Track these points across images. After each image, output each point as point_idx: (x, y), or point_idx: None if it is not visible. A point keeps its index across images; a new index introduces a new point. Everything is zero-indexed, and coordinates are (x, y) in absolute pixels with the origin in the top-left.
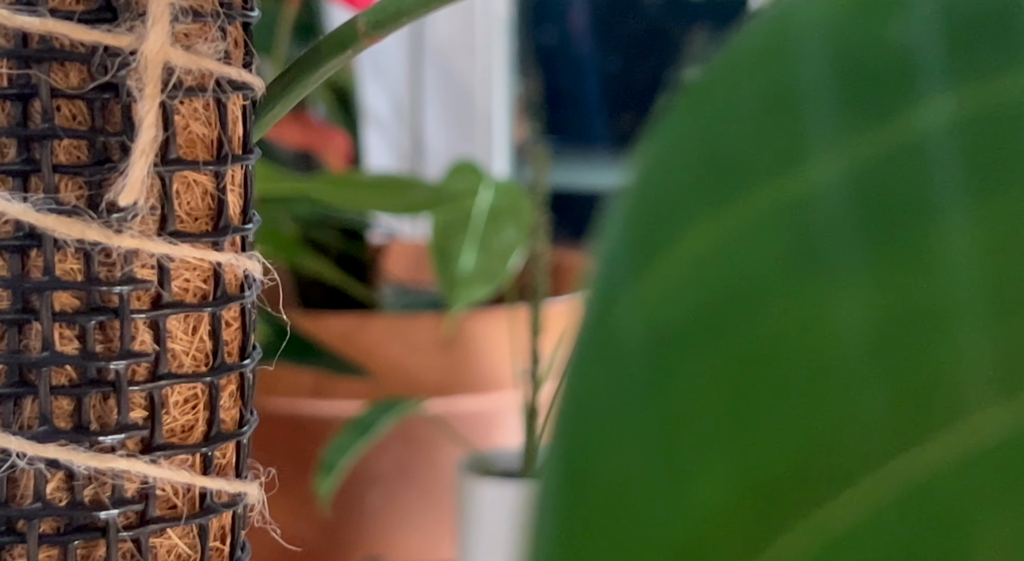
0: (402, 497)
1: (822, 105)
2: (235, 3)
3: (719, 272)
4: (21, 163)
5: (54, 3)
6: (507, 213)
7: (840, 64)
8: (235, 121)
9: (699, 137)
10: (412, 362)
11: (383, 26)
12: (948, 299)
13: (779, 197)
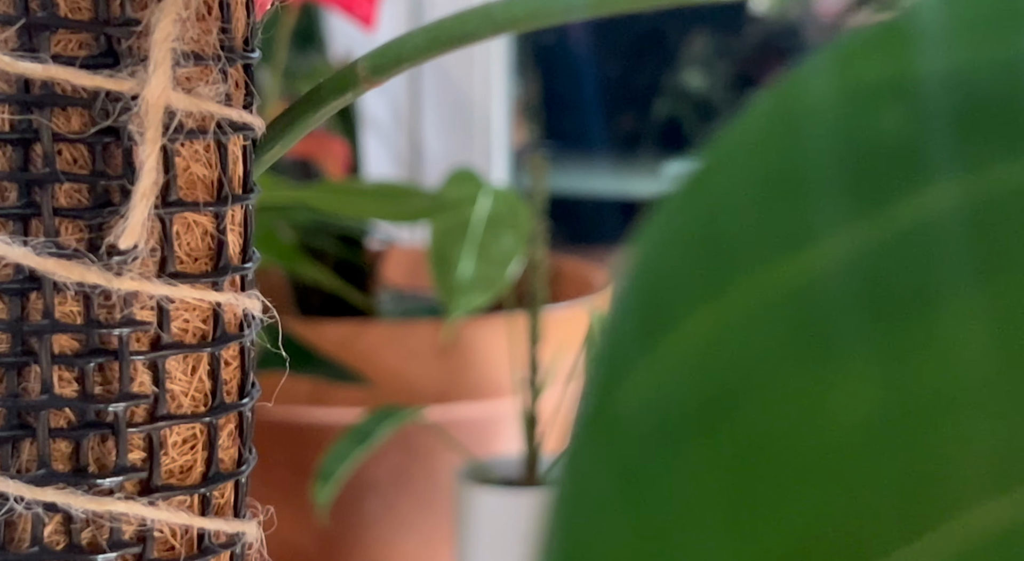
0: (400, 505)
1: (822, 190)
2: (236, 46)
3: (721, 358)
4: (22, 206)
5: (57, 49)
6: (506, 221)
7: (840, 149)
8: (235, 161)
9: (700, 221)
10: (410, 369)
11: (383, 71)
12: (950, 389)
13: (780, 283)
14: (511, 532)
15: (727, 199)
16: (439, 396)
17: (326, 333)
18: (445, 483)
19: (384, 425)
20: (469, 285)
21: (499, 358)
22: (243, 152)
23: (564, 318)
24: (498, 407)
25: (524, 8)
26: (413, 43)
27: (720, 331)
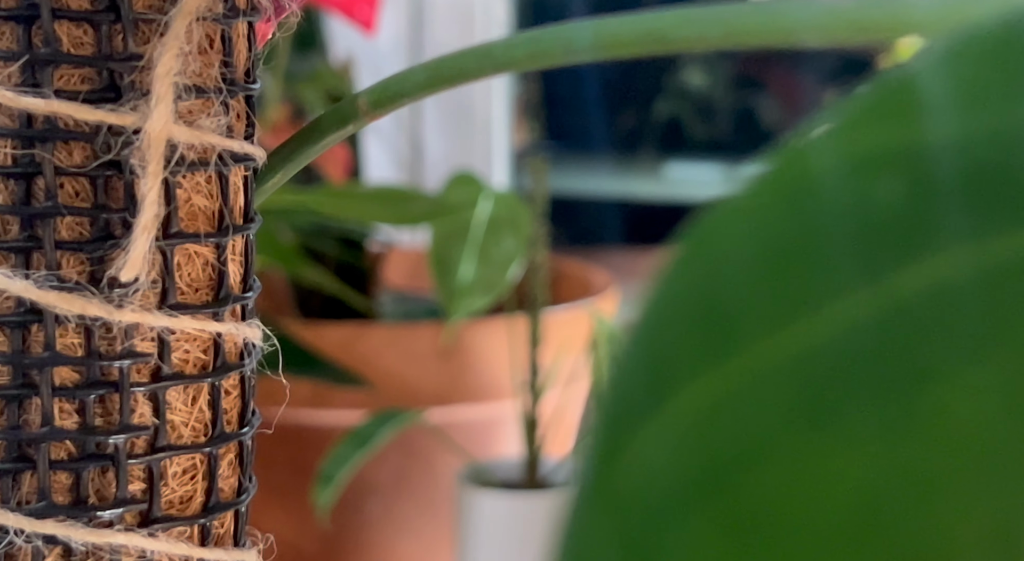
0: (401, 507)
1: (824, 259)
2: (238, 78)
3: (721, 428)
4: (24, 240)
5: (59, 83)
6: (506, 224)
7: (842, 218)
8: (236, 192)
9: (702, 288)
10: (411, 371)
11: (383, 105)
12: (951, 463)
13: (782, 352)
14: (511, 535)
15: (729, 266)
16: (439, 398)
17: (327, 335)
18: (446, 485)
19: (385, 428)
20: (470, 288)
21: (499, 360)
22: (244, 182)
23: (565, 320)
24: (498, 409)
25: (524, 50)
26: (414, 80)
27: (721, 400)
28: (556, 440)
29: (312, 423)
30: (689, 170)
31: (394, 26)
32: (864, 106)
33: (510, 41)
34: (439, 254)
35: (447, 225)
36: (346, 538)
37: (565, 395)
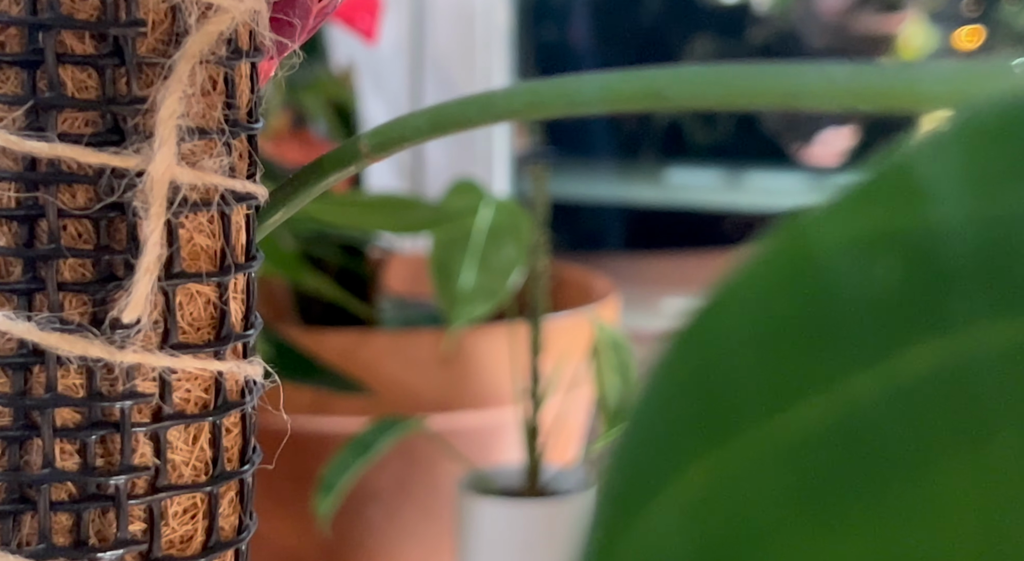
0: (402, 513)
1: (821, 343)
2: (240, 119)
3: (720, 511)
4: (27, 282)
5: (63, 127)
6: (507, 231)
7: (840, 301)
8: (238, 230)
9: (701, 369)
10: (412, 378)
11: (385, 148)
12: (942, 551)
13: (778, 436)
14: (512, 543)
15: (727, 348)
16: (440, 405)
17: (328, 342)
18: (447, 492)
19: (386, 436)
20: (470, 295)
21: (500, 367)
22: (246, 221)
23: (566, 327)
24: (499, 416)
25: (525, 100)
26: (415, 125)
27: (721, 483)
28: (557, 447)
29: (313, 430)
30: (690, 175)
31: (395, 33)
32: (865, 186)
33: (511, 91)
34: (440, 261)
35: (448, 232)
36: (347, 545)
37: (566, 402)
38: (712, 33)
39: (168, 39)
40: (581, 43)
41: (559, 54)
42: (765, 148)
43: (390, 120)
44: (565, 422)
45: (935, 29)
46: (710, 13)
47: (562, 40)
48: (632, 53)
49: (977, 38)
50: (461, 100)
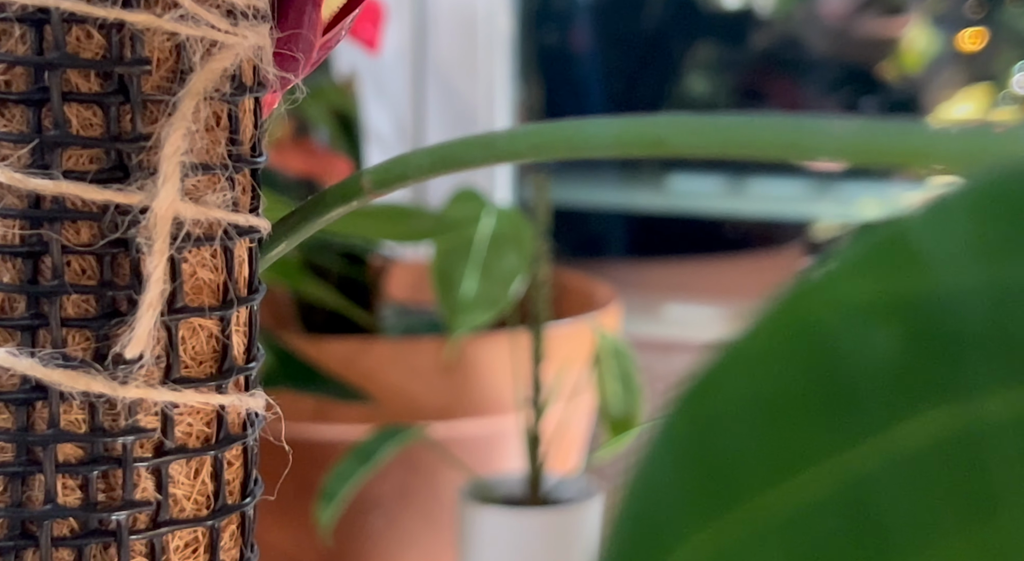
0: (403, 521)
1: (818, 414)
2: (244, 153)
3: None
4: (30, 318)
5: (68, 164)
6: (509, 240)
7: (836, 371)
8: (241, 263)
9: (699, 439)
10: (414, 386)
11: (386, 185)
12: None
13: (775, 509)
14: (514, 552)
15: (727, 415)
16: (442, 413)
17: (330, 350)
18: (448, 499)
19: (387, 446)
20: (472, 304)
21: (502, 375)
22: (249, 254)
23: (567, 334)
24: (501, 424)
25: (527, 143)
26: (417, 163)
27: (720, 555)
28: (559, 455)
29: (315, 438)
30: (692, 182)
31: (397, 41)
32: (862, 254)
33: (514, 134)
34: (442, 270)
35: (450, 241)
36: (348, 552)
37: (568, 410)
38: (714, 38)
39: (172, 76)
40: (583, 49)
41: (561, 60)
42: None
43: (393, 157)
44: (567, 430)
45: (938, 32)
46: (712, 17)
47: (564, 47)
48: (634, 58)
49: (980, 40)
50: (464, 141)
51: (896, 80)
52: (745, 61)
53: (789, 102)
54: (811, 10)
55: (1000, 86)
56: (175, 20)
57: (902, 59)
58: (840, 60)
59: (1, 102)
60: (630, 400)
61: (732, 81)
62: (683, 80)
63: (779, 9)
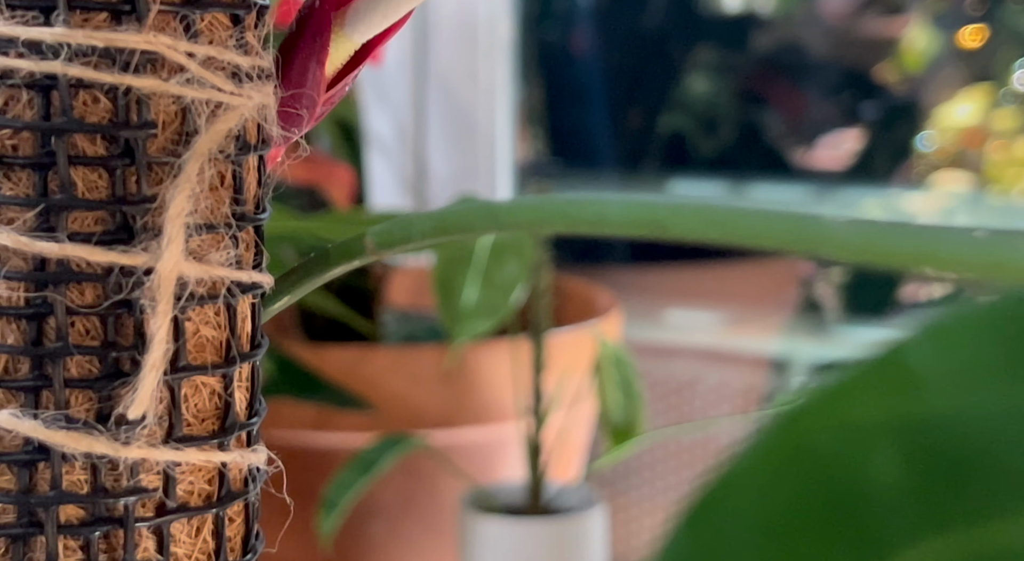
0: (405, 528)
1: (816, 541)
2: (248, 211)
3: None
4: (33, 379)
5: (73, 226)
6: (510, 248)
7: (836, 496)
8: (244, 319)
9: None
10: (415, 394)
11: (389, 247)
12: None
13: None
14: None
15: (727, 537)
16: (443, 420)
17: (331, 358)
18: (450, 507)
19: (389, 454)
20: (473, 311)
21: (503, 382)
22: (252, 309)
23: (568, 342)
24: (502, 431)
25: (527, 216)
26: (419, 228)
27: None
28: (559, 463)
29: (316, 445)
30: (693, 187)
31: (398, 48)
32: (862, 374)
33: (515, 204)
34: (443, 278)
35: (451, 249)
36: (349, 559)
37: (569, 417)
38: (715, 40)
39: (178, 138)
40: (584, 53)
41: (562, 64)
42: (768, 159)
43: (396, 219)
44: (567, 438)
45: (938, 31)
46: (713, 20)
47: (566, 52)
48: (635, 62)
49: (981, 37)
50: (467, 209)
51: (897, 82)
52: (746, 63)
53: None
54: (812, 10)
55: (1001, 84)
56: (181, 84)
57: (903, 59)
58: (841, 61)
59: (8, 166)
60: (631, 408)
61: (733, 83)
62: (684, 83)
63: (780, 8)
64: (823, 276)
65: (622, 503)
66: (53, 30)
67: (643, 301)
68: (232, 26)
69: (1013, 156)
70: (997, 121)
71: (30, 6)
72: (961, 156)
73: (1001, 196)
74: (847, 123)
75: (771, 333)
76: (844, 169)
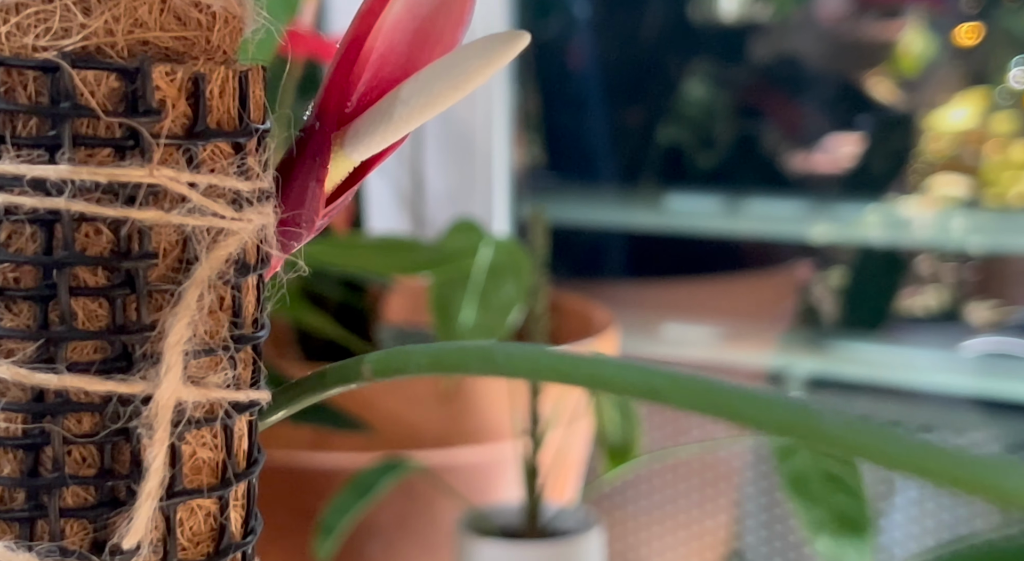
0: (401, 550)
1: None
2: (246, 331)
3: None
4: (29, 510)
5: (72, 355)
6: (507, 270)
7: None
8: (241, 437)
9: None
10: (411, 414)
11: (385, 375)
12: None
13: None
14: None
15: None
16: (440, 441)
17: None
18: (446, 528)
19: (386, 477)
20: (470, 333)
21: (499, 402)
22: (248, 427)
23: None
24: (499, 451)
25: (524, 366)
26: (416, 362)
27: None
28: (556, 482)
29: (313, 466)
30: (690, 201)
31: None
32: None
33: (513, 351)
34: (440, 299)
35: (448, 271)
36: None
37: (566, 437)
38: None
39: (179, 265)
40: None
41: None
42: (765, 174)
43: (395, 350)
44: (564, 458)
45: (934, 35)
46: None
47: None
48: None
49: (977, 35)
50: (463, 349)
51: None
52: (742, 74)
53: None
54: (809, 14)
55: (997, 82)
56: (183, 214)
57: (899, 62)
58: (837, 68)
59: (9, 298)
60: (628, 428)
61: (730, 94)
62: (680, 95)
63: (777, 13)
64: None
65: (619, 517)
66: (58, 168)
67: (640, 315)
68: (234, 153)
69: (1010, 160)
70: (994, 125)
71: (36, 144)
72: (958, 160)
73: (998, 199)
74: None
75: (768, 347)
76: (841, 179)
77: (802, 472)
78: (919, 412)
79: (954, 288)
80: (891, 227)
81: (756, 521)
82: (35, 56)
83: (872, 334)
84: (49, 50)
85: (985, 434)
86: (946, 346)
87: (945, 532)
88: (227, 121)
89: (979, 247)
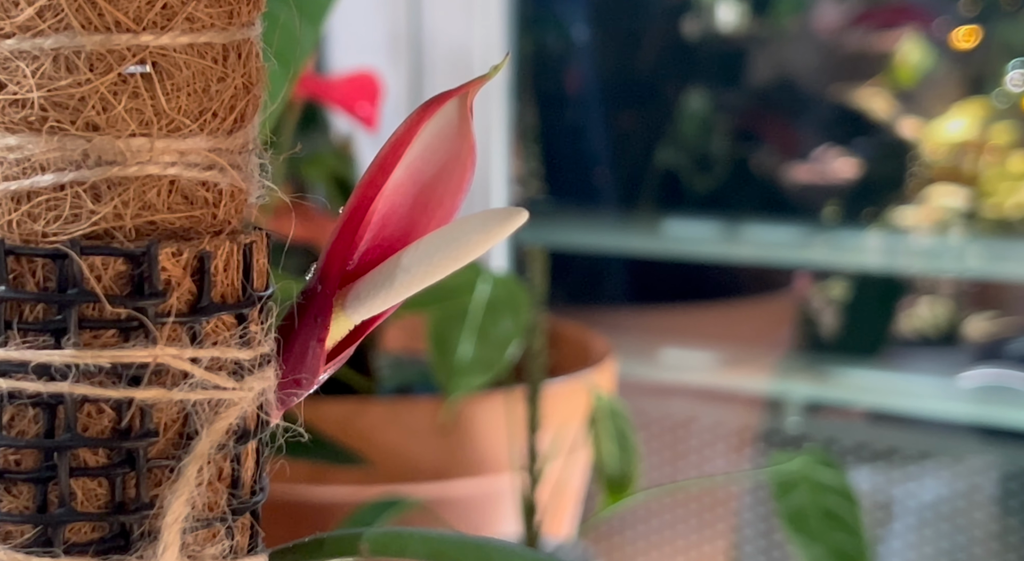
0: None
1: None
2: (244, 499)
3: None
4: None
5: (70, 535)
6: (505, 305)
7: None
8: None
9: None
10: (409, 447)
11: (381, 554)
12: None
13: None
14: None
15: None
16: (438, 474)
17: (325, 412)
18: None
19: (384, 516)
20: (468, 367)
21: (498, 435)
22: None
23: (563, 393)
24: (497, 483)
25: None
26: (414, 548)
27: None
28: (554, 514)
29: (311, 499)
30: (687, 227)
31: (394, 92)
32: None
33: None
34: (438, 333)
35: (446, 305)
36: None
37: (564, 470)
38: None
39: (179, 440)
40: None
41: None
42: (763, 198)
43: (394, 532)
44: (562, 490)
45: (932, 45)
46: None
47: (561, 88)
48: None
49: (974, 38)
50: (461, 541)
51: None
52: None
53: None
54: (805, 25)
55: (994, 85)
56: (184, 390)
57: (896, 73)
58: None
59: (9, 481)
60: (627, 461)
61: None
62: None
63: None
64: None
65: (616, 544)
66: (63, 353)
67: (639, 340)
68: (237, 324)
69: (1007, 170)
70: (992, 135)
71: (43, 329)
72: (956, 170)
73: (995, 210)
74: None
75: (766, 372)
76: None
77: (801, 509)
78: (916, 438)
79: (952, 302)
80: (889, 250)
81: (754, 547)
82: (44, 243)
83: (870, 359)
84: (58, 236)
85: (982, 461)
86: (944, 372)
87: (943, 559)
88: (231, 293)
89: (977, 258)
